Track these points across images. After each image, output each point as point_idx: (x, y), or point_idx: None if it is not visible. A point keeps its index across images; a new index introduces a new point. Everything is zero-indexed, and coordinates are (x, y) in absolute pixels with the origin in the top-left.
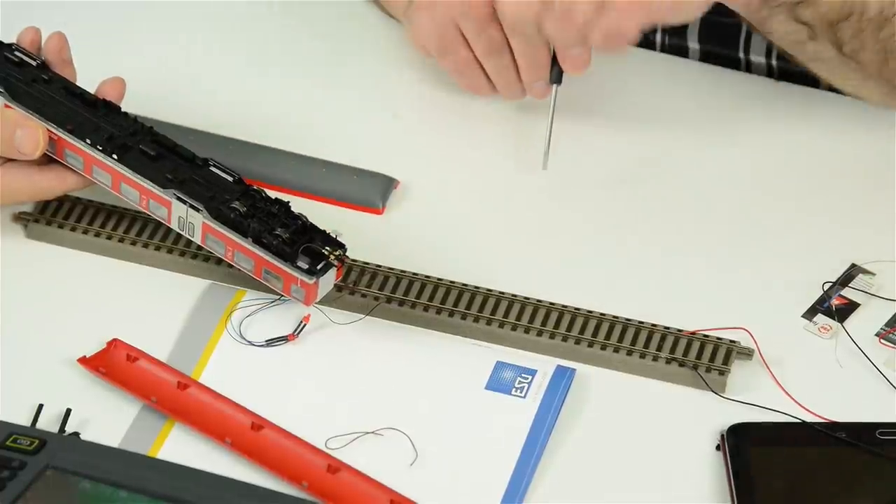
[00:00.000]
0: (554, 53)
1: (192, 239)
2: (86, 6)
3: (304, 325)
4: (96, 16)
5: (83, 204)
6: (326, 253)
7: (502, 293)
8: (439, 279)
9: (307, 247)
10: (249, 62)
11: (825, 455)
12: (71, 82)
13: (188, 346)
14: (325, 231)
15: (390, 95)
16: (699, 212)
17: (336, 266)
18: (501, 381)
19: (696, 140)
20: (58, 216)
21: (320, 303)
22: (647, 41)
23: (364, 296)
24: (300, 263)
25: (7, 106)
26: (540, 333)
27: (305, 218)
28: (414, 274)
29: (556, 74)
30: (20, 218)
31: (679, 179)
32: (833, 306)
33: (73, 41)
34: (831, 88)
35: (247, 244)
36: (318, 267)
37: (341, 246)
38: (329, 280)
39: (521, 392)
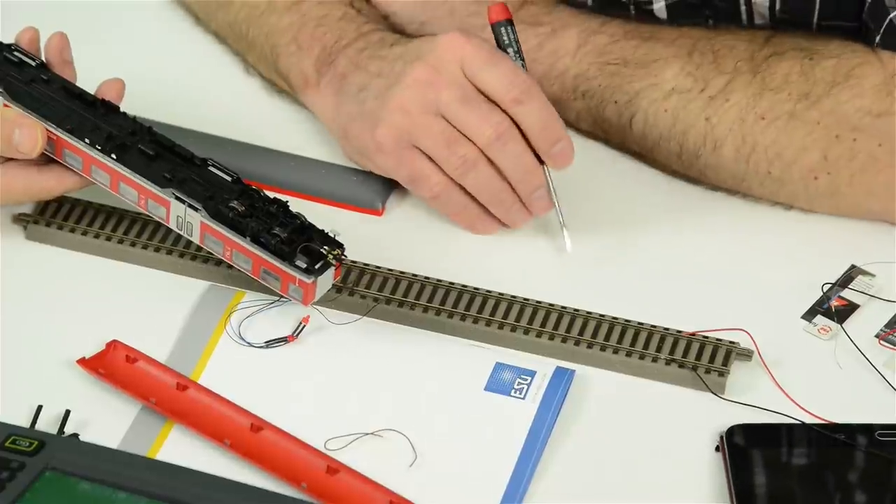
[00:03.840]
0: None
1: (190, 239)
2: (85, 7)
3: (304, 326)
4: (96, 17)
5: (83, 205)
6: (325, 252)
7: (502, 294)
8: (439, 280)
9: (305, 246)
10: None
11: (824, 456)
12: (70, 82)
13: (187, 348)
14: (323, 230)
15: None
16: (699, 212)
17: (334, 265)
18: (501, 382)
19: None
20: (58, 217)
21: (320, 304)
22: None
23: (364, 297)
24: (298, 263)
25: (6, 105)
26: (539, 334)
27: (304, 217)
28: (413, 275)
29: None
30: (20, 219)
31: (679, 179)
32: (833, 307)
33: (73, 42)
34: None
35: (245, 244)
36: (317, 266)
37: (339, 245)
38: (327, 279)
39: (520, 393)
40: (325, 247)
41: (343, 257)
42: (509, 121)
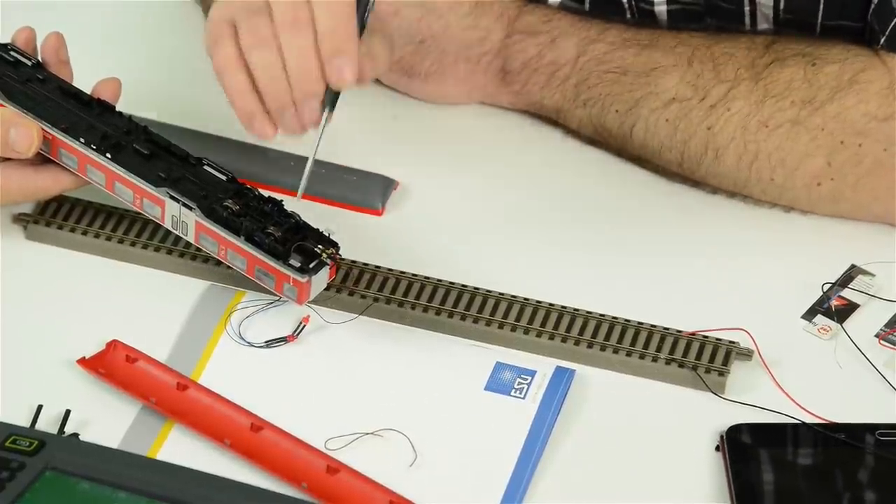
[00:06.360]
0: None
1: (185, 238)
2: (82, 6)
3: (304, 325)
4: (92, 16)
5: (83, 205)
6: (319, 251)
7: (502, 293)
8: (439, 280)
9: (300, 245)
10: None
11: (825, 456)
12: (66, 82)
13: (188, 347)
14: (318, 230)
15: (390, 96)
16: (699, 212)
17: (329, 265)
18: (501, 381)
19: None
20: (57, 217)
21: (320, 304)
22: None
23: (363, 297)
24: (292, 262)
25: (1, 105)
26: (539, 334)
27: (298, 216)
28: (413, 275)
29: (331, 97)
30: (20, 219)
31: (678, 179)
32: (833, 307)
33: (70, 41)
34: None
35: (239, 243)
36: (311, 265)
37: (334, 244)
38: (322, 279)
39: (520, 393)
40: (320, 246)
41: (338, 256)
42: (311, 16)
